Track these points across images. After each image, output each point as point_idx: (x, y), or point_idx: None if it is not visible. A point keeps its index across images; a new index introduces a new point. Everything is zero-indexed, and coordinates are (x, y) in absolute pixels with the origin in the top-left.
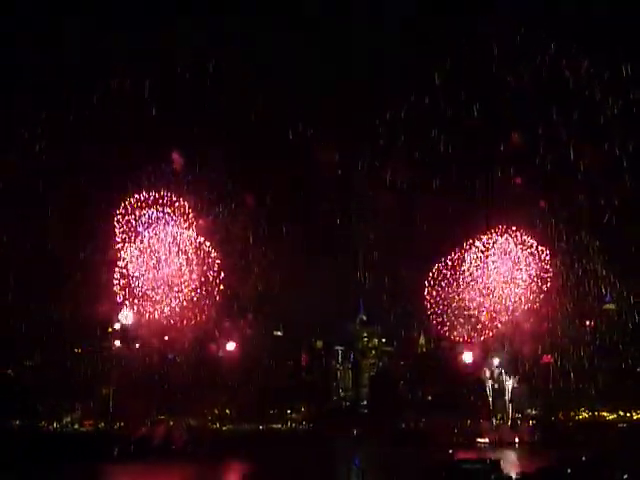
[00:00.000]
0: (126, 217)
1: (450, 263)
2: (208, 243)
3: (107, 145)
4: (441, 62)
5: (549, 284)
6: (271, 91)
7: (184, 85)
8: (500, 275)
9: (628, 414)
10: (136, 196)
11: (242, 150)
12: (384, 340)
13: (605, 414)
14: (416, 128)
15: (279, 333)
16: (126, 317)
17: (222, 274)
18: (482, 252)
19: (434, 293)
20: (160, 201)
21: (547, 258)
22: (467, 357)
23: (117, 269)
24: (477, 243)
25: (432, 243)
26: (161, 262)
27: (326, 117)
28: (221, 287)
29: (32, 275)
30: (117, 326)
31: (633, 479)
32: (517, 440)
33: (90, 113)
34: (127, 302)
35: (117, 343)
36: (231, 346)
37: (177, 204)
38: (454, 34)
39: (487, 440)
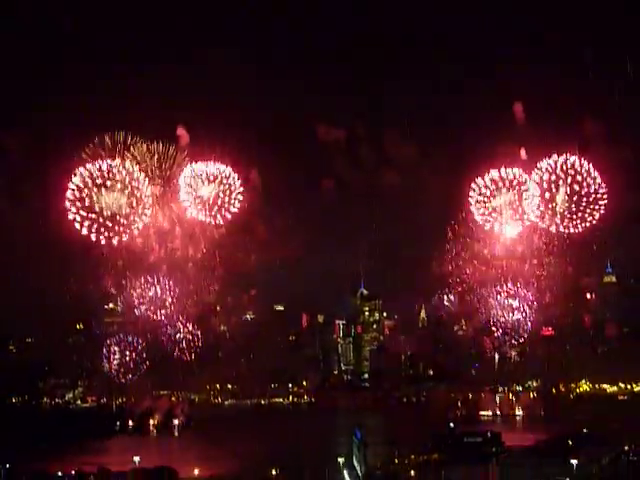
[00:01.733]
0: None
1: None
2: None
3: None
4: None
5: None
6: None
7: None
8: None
9: (629, 386)
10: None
11: (244, 126)
12: (385, 314)
13: (606, 386)
14: (421, 104)
15: (281, 308)
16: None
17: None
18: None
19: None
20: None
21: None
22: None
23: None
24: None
25: (433, 219)
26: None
27: (330, 94)
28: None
29: (33, 252)
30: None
31: (633, 451)
32: (520, 413)
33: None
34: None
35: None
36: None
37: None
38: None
39: (490, 413)
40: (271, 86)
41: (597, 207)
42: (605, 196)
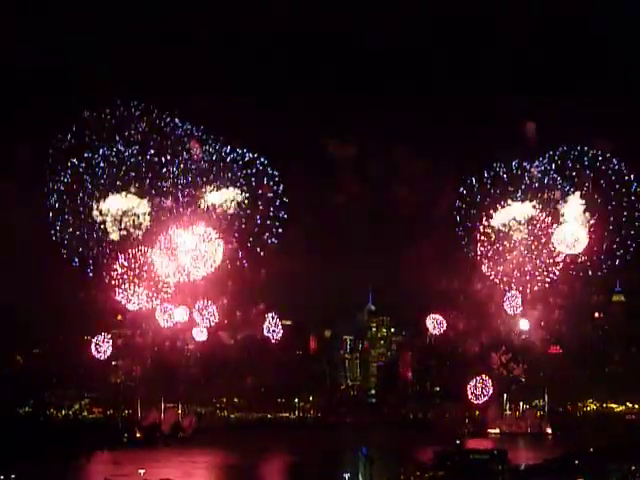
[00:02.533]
0: None
1: None
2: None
3: None
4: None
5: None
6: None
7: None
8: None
9: (636, 406)
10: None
11: (253, 135)
12: (393, 330)
13: (613, 406)
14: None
15: (288, 322)
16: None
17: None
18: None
19: None
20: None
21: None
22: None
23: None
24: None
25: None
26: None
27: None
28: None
29: (40, 262)
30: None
31: None
32: (527, 431)
33: None
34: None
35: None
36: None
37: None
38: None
39: (498, 431)
40: (278, 100)
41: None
42: None
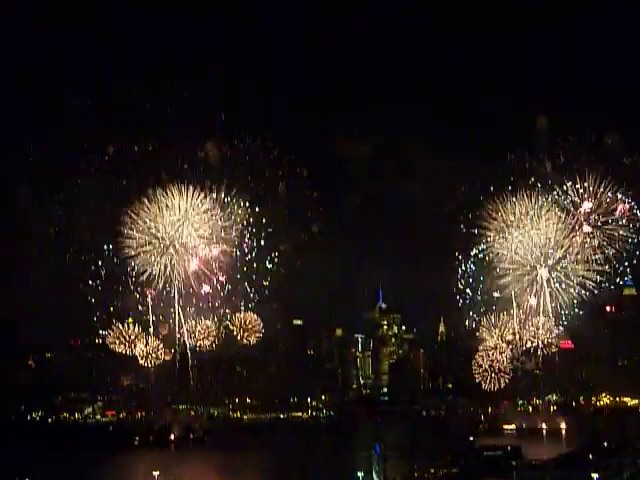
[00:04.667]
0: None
1: None
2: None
3: None
4: None
5: None
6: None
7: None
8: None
9: None
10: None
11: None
12: (404, 328)
13: (626, 399)
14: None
15: (299, 322)
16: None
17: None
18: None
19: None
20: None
21: None
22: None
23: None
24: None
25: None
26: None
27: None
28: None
29: (52, 266)
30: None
31: None
32: (541, 426)
33: None
34: None
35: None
36: None
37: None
38: None
39: (513, 427)
40: (292, 102)
41: None
42: None
